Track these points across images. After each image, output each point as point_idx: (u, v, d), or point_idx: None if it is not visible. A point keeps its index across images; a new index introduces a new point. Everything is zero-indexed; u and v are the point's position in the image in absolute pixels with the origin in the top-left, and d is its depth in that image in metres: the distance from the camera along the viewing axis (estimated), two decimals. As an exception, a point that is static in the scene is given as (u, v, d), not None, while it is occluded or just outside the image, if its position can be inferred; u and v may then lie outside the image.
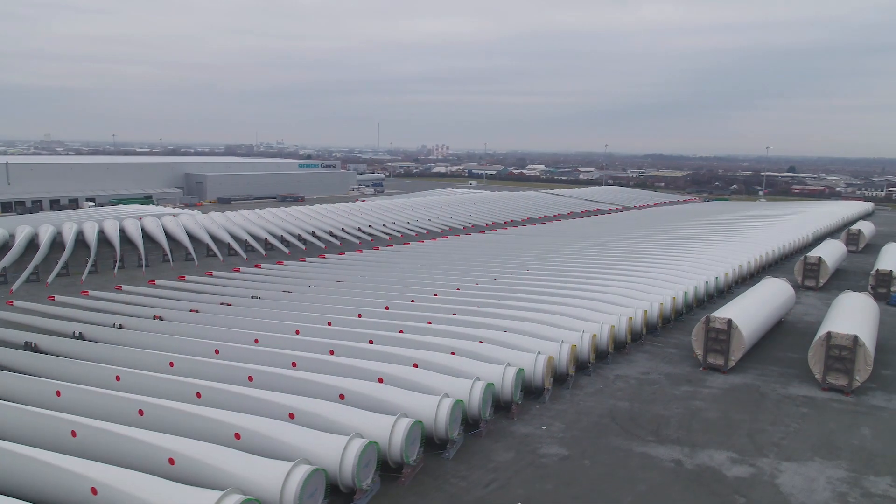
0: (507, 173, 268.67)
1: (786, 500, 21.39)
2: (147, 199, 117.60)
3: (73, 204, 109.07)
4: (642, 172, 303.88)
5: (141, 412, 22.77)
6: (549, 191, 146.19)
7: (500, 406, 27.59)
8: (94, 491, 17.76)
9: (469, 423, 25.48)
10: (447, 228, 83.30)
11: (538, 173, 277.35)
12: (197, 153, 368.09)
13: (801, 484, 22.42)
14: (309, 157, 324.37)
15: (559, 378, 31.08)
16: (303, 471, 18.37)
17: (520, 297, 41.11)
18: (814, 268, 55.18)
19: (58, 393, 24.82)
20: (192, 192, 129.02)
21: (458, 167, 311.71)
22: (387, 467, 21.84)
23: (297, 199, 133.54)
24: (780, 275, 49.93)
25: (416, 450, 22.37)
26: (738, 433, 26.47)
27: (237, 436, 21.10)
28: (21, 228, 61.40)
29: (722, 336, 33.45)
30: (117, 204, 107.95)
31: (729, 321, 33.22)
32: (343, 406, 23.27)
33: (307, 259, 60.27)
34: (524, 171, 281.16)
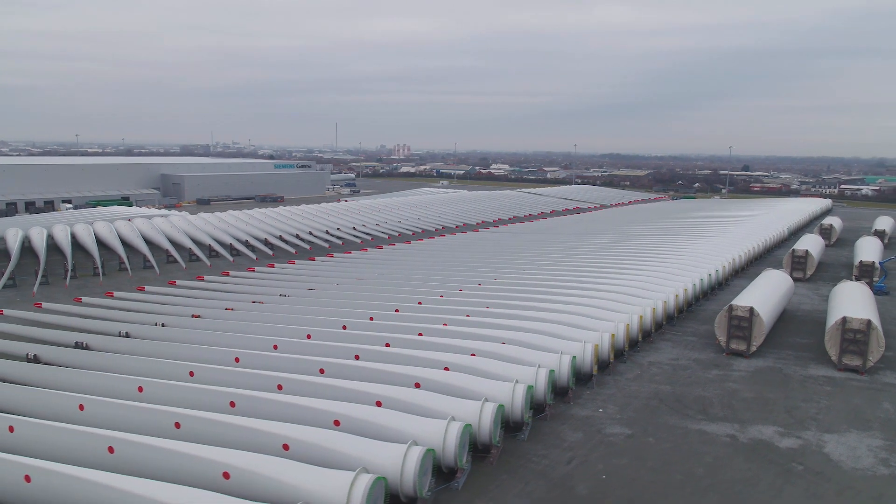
0: (476, 173, 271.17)
1: (837, 465, 23.69)
2: (125, 201, 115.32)
3: (49, 206, 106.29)
4: (605, 172, 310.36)
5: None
6: (524, 190, 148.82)
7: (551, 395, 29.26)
8: (226, 474, 18.56)
9: (533, 408, 27.07)
10: (440, 227, 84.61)
11: (506, 173, 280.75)
12: (151, 153, 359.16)
13: (846, 452, 24.79)
14: (272, 157, 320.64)
15: (601, 366, 32.99)
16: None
17: (544, 291, 42.83)
18: (801, 260, 58.72)
19: (140, 388, 25.35)
20: (169, 193, 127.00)
21: (423, 167, 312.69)
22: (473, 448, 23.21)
23: (277, 200, 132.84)
24: (766, 267, 53.01)
25: (500, 432, 23.93)
26: (777, 410, 28.80)
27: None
28: (13, 231, 60.30)
29: (744, 323, 35.90)
30: (95, 206, 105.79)
31: (751, 309, 35.70)
32: (421, 392, 24.34)
33: (317, 258, 60.73)
34: (492, 171, 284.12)
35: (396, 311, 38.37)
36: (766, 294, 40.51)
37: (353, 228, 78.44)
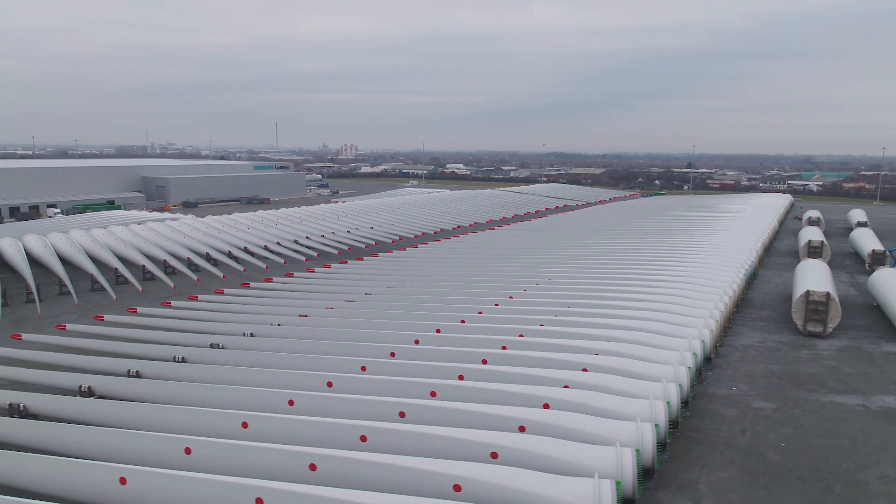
0: (440, 172, 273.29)
1: (966, 426, 27.09)
2: (110, 205, 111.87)
3: (35, 211, 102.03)
4: (560, 171, 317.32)
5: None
6: (506, 189, 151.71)
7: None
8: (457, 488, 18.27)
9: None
10: (455, 227, 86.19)
11: (469, 172, 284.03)
12: (84, 155, 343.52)
13: (965, 414, 28.28)
14: (222, 158, 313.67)
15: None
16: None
17: (615, 287, 44.18)
18: (817, 250, 63.63)
19: (290, 403, 24.62)
20: (153, 196, 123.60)
21: (382, 167, 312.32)
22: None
23: (264, 202, 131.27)
24: (778, 257, 57.33)
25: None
26: (883, 382, 32.20)
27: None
28: (31, 238, 58.49)
29: (821, 307, 39.45)
30: (83, 210, 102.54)
31: (827, 294, 39.30)
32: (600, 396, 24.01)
33: (364, 258, 61.29)
34: (455, 171, 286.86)
35: (496, 305, 39.69)
36: (826, 280, 44.31)
37: (371, 228, 79.18)
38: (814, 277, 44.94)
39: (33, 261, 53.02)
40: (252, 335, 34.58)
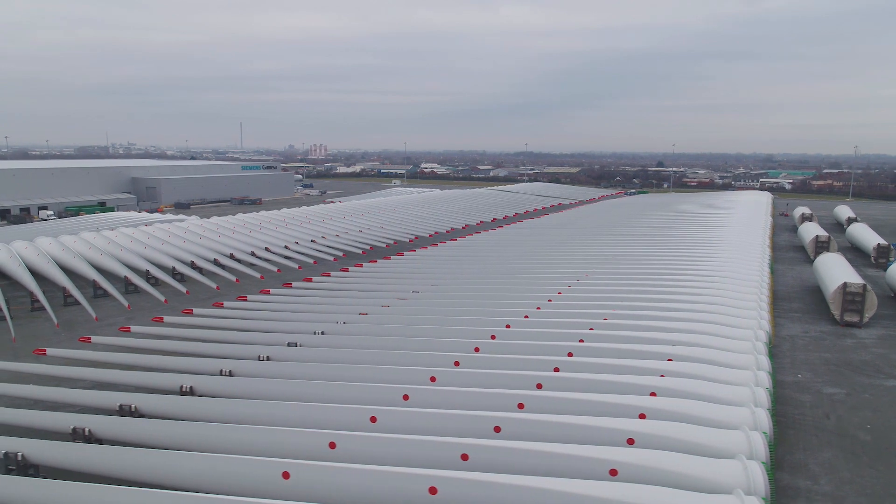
0: (420, 172, 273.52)
1: None
2: (102, 206, 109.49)
3: (26, 213, 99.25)
4: (534, 170, 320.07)
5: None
6: (494, 188, 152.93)
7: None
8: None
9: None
10: (464, 226, 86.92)
11: (447, 171, 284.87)
12: (45, 156, 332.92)
13: None
14: (193, 158, 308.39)
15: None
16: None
17: (659, 282, 45.46)
18: (824, 244, 66.25)
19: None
20: (143, 197, 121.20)
21: (359, 167, 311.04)
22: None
23: (256, 202, 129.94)
24: (781, 251, 59.57)
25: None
26: (932, 367, 34.17)
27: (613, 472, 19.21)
28: (43, 241, 57.24)
29: (858, 298, 41.45)
30: (77, 212, 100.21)
31: (864, 286, 41.31)
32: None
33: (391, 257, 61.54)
34: (434, 170, 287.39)
35: (541, 305, 40.38)
36: (853, 272, 46.44)
37: (381, 227, 79.42)
38: (842, 270, 47.04)
39: (66, 269, 51.45)
40: (323, 333, 34.89)
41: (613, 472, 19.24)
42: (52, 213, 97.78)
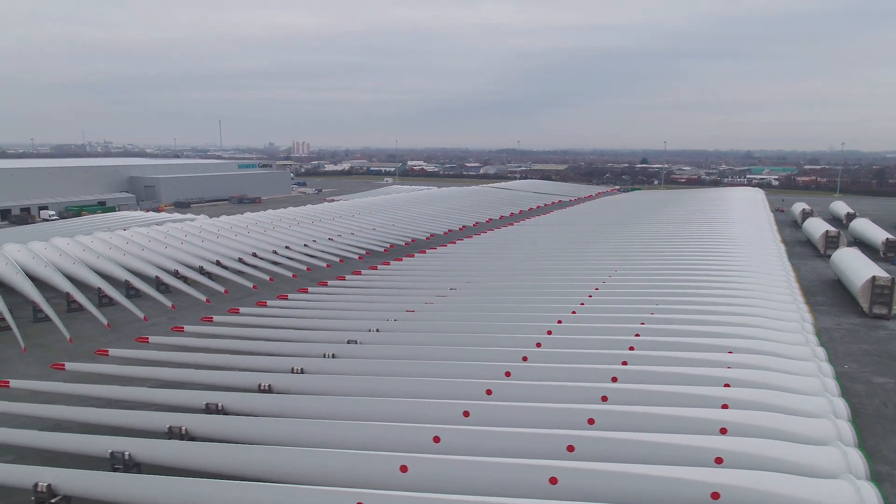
0: (409, 169, 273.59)
1: None
2: (103, 206, 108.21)
3: (27, 213, 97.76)
4: (521, 167, 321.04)
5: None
6: (492, 186, 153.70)
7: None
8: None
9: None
10: (475, 224, 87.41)
11: (437, 169, 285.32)
12: (22, 155, 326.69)
13: None
14: (176, 156, 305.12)
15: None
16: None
17: (695, 280, 45.85)
18: (834, 239, 68.00)
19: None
20: (142, 196, 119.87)
21: (347, 165, 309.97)
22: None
23: (255, 201, 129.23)
24: (788, 246, 61.07)
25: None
26: (968, 356, 35.54)
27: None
28: (58, 241, 56.82)
29: (886, 291, 42.84)
30: (78, 212, 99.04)
31: (892, 279, 42.70)
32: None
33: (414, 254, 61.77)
34: (424, 168, 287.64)
35: (584, 301, 40.83)
36: (874, 266, 47.88)
37: (393, 226, 79.68)
38: (865, 265, 48.49)
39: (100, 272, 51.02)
40: (378, 330, 35.26)
41: (719, 461, 19.93)
42: (54, 213, 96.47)
